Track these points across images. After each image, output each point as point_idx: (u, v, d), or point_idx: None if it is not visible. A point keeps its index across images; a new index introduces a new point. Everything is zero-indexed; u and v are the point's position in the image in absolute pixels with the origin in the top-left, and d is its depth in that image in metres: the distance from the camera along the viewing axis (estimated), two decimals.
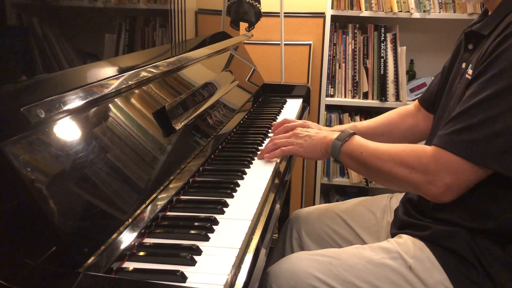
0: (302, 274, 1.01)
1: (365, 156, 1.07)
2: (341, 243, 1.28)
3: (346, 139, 1.11)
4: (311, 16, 2.49)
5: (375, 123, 1.43)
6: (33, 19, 0.78)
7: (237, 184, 1.07)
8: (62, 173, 0.73)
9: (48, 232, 0.67)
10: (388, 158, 1.03)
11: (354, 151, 1.09)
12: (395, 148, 1.04)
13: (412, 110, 1.39)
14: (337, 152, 1.11)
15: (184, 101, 1.21)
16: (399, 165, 1.01)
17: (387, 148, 1.05)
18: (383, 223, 1.27)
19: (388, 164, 1.03)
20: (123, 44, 1.06)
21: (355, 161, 1.09)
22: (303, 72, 2.50)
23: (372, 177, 1.15)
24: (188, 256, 0.76)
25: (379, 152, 1.06)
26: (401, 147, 1.04)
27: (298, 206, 2.55)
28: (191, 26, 1.43)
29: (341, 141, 1.11)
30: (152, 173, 0.95)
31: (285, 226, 1.38)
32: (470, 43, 1.09)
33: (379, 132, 1.40)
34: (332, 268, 1.02)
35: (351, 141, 1.11)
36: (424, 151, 0.99)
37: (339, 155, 1.11)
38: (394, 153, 1.03)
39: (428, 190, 0.97)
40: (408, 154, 1.01)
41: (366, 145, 1.09)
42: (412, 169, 0.99)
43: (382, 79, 2.42)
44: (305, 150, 1.17)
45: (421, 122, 1.35)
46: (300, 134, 1.20)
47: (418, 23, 2.51)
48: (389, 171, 1.02)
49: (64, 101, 0.79)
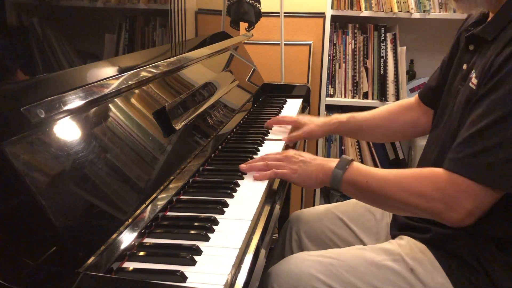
0: (303, 275, 1.01)
1: (372, 185, 1.00)
2: (341, 244, 1.27)
3: (347, 167, 1.03)
4: (311, 16, 2.49)
5: (374, 114, 1.41)
6: (33, 19, 0.78)
7: (237, 184, 1.07)
8: (62, 173, 0.73)
9: (48, 232, 0.67)
10: (400, 188, 0.97)
11: (358, 180, 1.02)
12: (405, 176, 0.99)
13: (413, 104, 1.38)
14: (338, 182, 1.04)
15: (184, 101, 1.21)
16: (414, 195, 0.95)
17: (396, 175, 0.99)
18: (383, 224, 1.27)
19: (400, 194, 0.97)
20: (123, 44, 1.06)
21: (360, 190, 1.03)
22: (303, 72, 2.50)
23: (380, 206, 1.09)
24: (188, 256, 0.76)
25: (388, 181, 0.99)
26: (410, 173, 0.99)
27: (298, 207, 2.55)
28: (191, 26, 1.43)
29: (341, 169, 1.03)
30: (152, 173, 0.95)
31: (284, 228, 1.37)
32: (471, 44, 1.06)
33: (375, 123, 1.39)
34: (333, 269, 1.02)
35: (352, 169, 1.03)
36: (438, 177, 0.94)
37: (340, 185, 1.04)
38: (406, 182, 0.97)
39: (448, 217, 0.93)
40: (421, 182, 0.95)
41: (371, 172, 1.02)
42: (429, 198, 0.94)
43: (382, 79, 2.42)
44: (299, 176, 1.08)
45: (422, 117, 1.34)
46: (294, 159, 1.11)
47: (418, 23, 2.51)
48: (403, 201, 0.97)
49: (64, 101, 0.79)
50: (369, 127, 1.41)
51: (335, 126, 1.42)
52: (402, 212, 1.06)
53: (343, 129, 1.44)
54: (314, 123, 1.43)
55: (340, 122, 1.41)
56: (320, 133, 1.44)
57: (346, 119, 1.41)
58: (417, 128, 1.37)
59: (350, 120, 1.41)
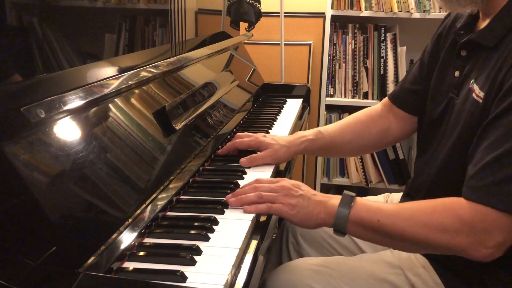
0: (301, 284, 0.98)
1: (384, 224, 0.88)
2: (339, 249, 1.24)
3: (352, 205, 0.90)
4: (311, 16, 2.49)
5: (342, 127, 1.26)
6: (33, 19, 0.78)
7: (237, 184, 1.07)
8: (62, 173, 0.73)
9: (48, 232, 0.67)
10: (418, 224, 0.86)
11: (367, 219, 0.89)
12: (423, 210, 0.88)
13: (381, 111, 1.26)
14: (343, 223, 0.90)
15: (184, 101, 1.21)
16: (435, 230, 0.85)
17: (412, 210, 0.89)
18: None
19: (421, 231, 0.86)
20: (123, 44, 1.06)
21: (370, 231, 0.90)
22: (303, 72, 2.50)
23: (395, 246, 0.98)
24: (188, 256, 0.76)
25: (403, 218, 0.88)
26: (429, 206, 0.88)
27: None
28: (191, 26, 1.43)
29: (346, 208, 0.90)
30: (152, 173, 0.95)
31: (281, 229, 1.35)
32: (463, 49, 0.99)
33: (347, 139, 1.25)
34: (332, 281, 0.99)
35: (359, 206, 0.91)
36: (461, 208, 0.84)
37: (346, 226, 0.90)
38: (425, 216, 0.87)
39: (477, 253, 0.84)
40: (443, 216, 0.85)
41: (380, 209, 0.90)
42: (455, 233, 0.84)
43: (382, 79, 2.42)
44: (297, 214, 0.93)
45: (393, 123, 1.23)
46: (292, 192, 0.94)
47: (418, 23, 2.51)
48: (424, 240, 0.87)
49: (64, 101, 0.79)
50: (340, 143, 1.26)
51: (303, 146, 1.22)
52: (422, 250, 0.97)
53: (312, 148, 1.25)
54: (278, 143, 1.21)
55: (308, 140, 1.23)
56: (286, 156, 1.21)
57: (314, 136, 1.23)
58: (388, 137, 1.26)
59: (318, 137, 1.24)
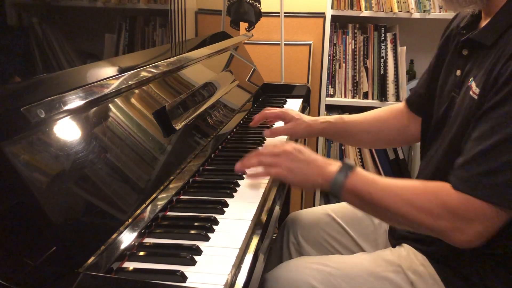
0: (301, 283, 0.99)
1: (376, 198, 0.92)
2: (340, 249, 1.25)
3: (349, 173, 0.95)
4: (311, 16, 2.49)
5: (363, 117, 1.34)
6: (33, 19, 0.78)
7: (237, 184, 1.07)
8: (62, 173, 0.73)
9: (48, 232, 0.67)
10: (405, 202, 0.90)
11: (361, 190, 0.94)
12: (412, 190, 0.92)
13: (402, 109, 1.32)
14: (339, 189, 0.95)
15: (184, 101, 1.21)
16: (420, 211, 0.89)
17: (402, 188, 0.93)
18: (381, 231, 1.24)
19: (406, 209, 0.90)
20: (123, 44, 1.06)
21: (362, 201, 0.95)
22: (303, 72, 2.50)
23: (382, 218, 1.03)
24: (188, 256, 0.76)
25: (393, 194, 0.92)
26: (418, 187, 0.92)
27: (298, 207, 2.55)
28: (191, 26, 1.43)
29: (343, 176, 0.94)
30: (152, 173, 0.95)
31: (281, 229, 1.35)
32: (464, 49, 1.01)
33: (366, 128, 1.32)
34: (332, 279, 0.99)
35: (356, 176, 0.94)
36: (447, 195, 0.88)
37: (341, 193, 0.95)
38: (413, 196, 0.91)
39: (455, 238, 0.88)
40: (430, 199, 0.89)
41: (374, 181, 0.94)
42: (438, 217, 0.88)
43: (382, 79, 2.42)
44: (294, 177, 0.98)
45: (411, 124, 1.28)
46: (292, 156, 0.99)
47: (418, 23, 2.51)
48: (409, 218, 0.90)
49: (64, 101, 0.79)
50: (358, 131, 1.34)
51: (322, 126, 1.32)
52: (405, 227, 1.01)
53: (330, 131, 1.34)
54: (302, 119, 1.33)
55: (328, 122, 1.32)
56: (304, 132, 1.33)
57: (334, 120, 1.33)
58: (406, 136, 1.31)
59: (338, 121, 1.33)
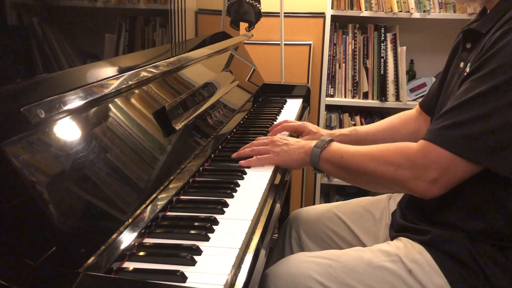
0: (301, 276, 1.01)
1: (346, 160, 1.05)
2: (341, 244, 1.27)
3: (325, 145, 1.09)
4: (311, 16, 2.49)
5: (376, 127, 1.41)
6: (33, 19, 0.78)
7: (237, 184, 1.07)
8: (62, 173, 0.73)
9: (48, 232, 0.67)
10: (370, 158, 1.01)
11: (334, 156, 1.07)
12: (378, 148, 1.02)
13: (414, 115, 1.38)
14: (316, 159, 1.10)
15: (184, 101, 1.21)
16: (383, 164, 0.98)
17: (369, 149, 1.03)
18: (382, 226, 1.26)
19: (371, 164, 1.00)
20: (123, 44, 1.06)
21: (336, 167, 1.08)
22: (303, 72, 2.50)
23: (355, 181, 1.12)
24: (188, 256, 0.76)
25: (361, 154, 1.03)
26: (384, 146, 1.02)
27: (298, 206, 2.55)
28: (191, 26, 1.43)
29: (319, 148, 1.09)
30: (152, 173, 0.95)
31: (284, 226, 1.38)
32: (468, 42, 1.07)
33: (381, 137, 1.38)
34: (331, 270, 1.01)
35: (330, 147, 1.09)
36: (410, 147, 0.98)
37: (318, 162, 1.09)
38: (377, 152, 1.01)
39: (414, 186, 0.96)
40: (392, 152, 0.99)
41: (346, 149, 1.07)
42: (398, 166, 0.97)
43: (382, 79, 2.42)
44: (280, 158, 1.15)
45: (423, 126, 1.33)
46: (278, 142, 1.18)
47: (418, 23, 2.51)
48: (373, 172, 1.00)
49: (64, 101, 0.79)
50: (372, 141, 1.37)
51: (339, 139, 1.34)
52: (376, 186, 1.07)
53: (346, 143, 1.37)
54: (319, 132, 1.41)
55: (343, 135, 1.39)
56: None
57: (349, 132, 1.40)
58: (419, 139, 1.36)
59: (352, 133, 1.39)
